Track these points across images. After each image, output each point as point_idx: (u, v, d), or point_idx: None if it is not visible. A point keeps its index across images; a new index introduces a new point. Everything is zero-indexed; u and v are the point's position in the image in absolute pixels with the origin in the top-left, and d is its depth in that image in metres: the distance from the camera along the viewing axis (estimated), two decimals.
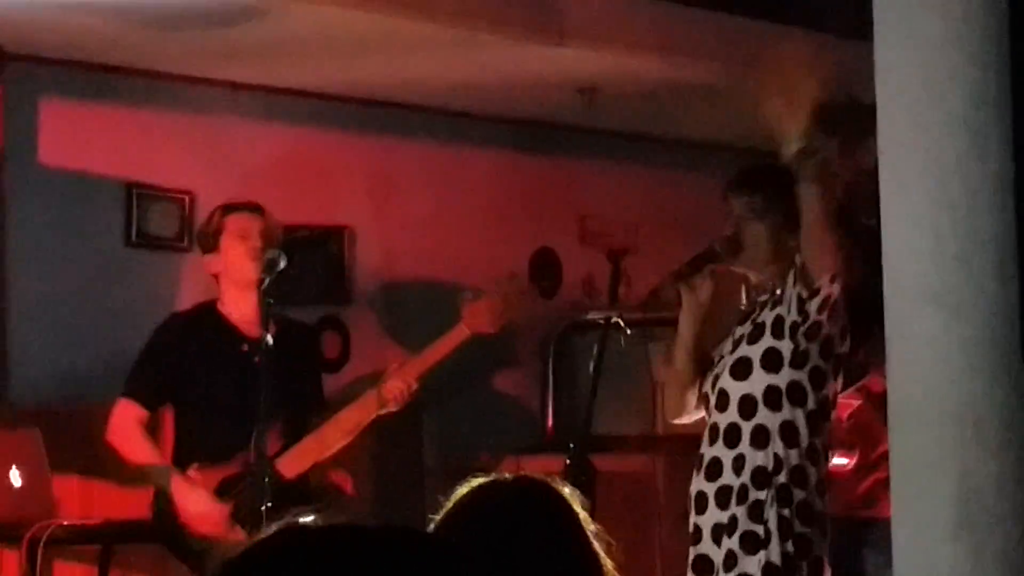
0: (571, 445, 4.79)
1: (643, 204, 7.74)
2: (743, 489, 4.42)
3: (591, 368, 4.84)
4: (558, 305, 7.69)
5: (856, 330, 4.55)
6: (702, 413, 4.69)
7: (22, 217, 6.43)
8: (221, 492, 5.50)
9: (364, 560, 1.42)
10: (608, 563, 2.59)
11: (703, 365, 4.69)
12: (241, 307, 5.58)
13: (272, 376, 5.15)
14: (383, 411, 5.71)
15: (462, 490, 2.59)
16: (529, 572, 2.48)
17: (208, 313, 5.70)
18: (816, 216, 4.38)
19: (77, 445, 6.06)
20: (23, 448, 5.71)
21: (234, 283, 5.60)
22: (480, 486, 2.62)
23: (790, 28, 6.61)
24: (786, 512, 4.38)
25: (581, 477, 4.56)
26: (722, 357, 4.65)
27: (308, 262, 5.83)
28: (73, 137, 6.57)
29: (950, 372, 3.58)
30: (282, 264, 5.36)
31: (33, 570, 5.51)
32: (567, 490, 2.63)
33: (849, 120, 4.90)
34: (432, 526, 2.52)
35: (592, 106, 7.21)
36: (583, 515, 2.59)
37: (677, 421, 4.83)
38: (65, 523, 5.64)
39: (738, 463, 4.46)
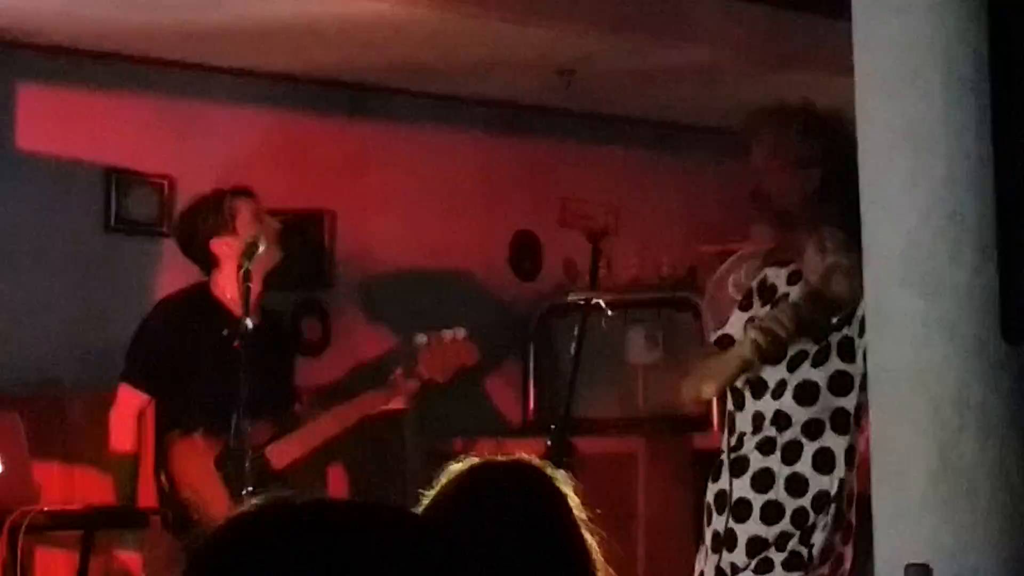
0: (552, 427, 4.78)
1: (623, 186, 7.73)
2: (802, 512, 4.27)
3: (572, 350, 4.83)
4: (538, 288, 7.68)
5: None
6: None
7: (0, 201, 6.41)
8: (216, 465, 5.53)
9: (348, 533, 1.42)
10: (596, 549, 2.59)
11: None
12: (234, 290, 5.55)
13: (253, 362, 5.16)
14: (388, 406, 5.76)
15: (454, 467, 2.58)
16: (517, 555, 2.48)
17: (201, 296, 5.70)
18: None
19: (57, 431, 6.05)
20: (2, 434, 5.68)
21: (261, 264, 5.56)
22: (472, 467, 2.61)
23: (774, 8, 6.62)
24: (836, 537, 4.29)
25: (563, 459, 4.56)
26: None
27: (288, 246, 5.82)
28: (51, 122, 6.54)
29: (930, 352, 3.59)
30: (261, 249, 5.41)
31: (14, 556, 5.48)
32: (559, 474, 2.63)
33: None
34: (423, 505, 2.52)
35: (572, 88, 7.20)
36: (574, 500, 2.59)
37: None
38: (46, 509, 5.62)
39: (795, 483, 4.29)
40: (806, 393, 4.29)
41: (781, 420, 4.31)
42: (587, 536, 2.58)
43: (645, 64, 6.94)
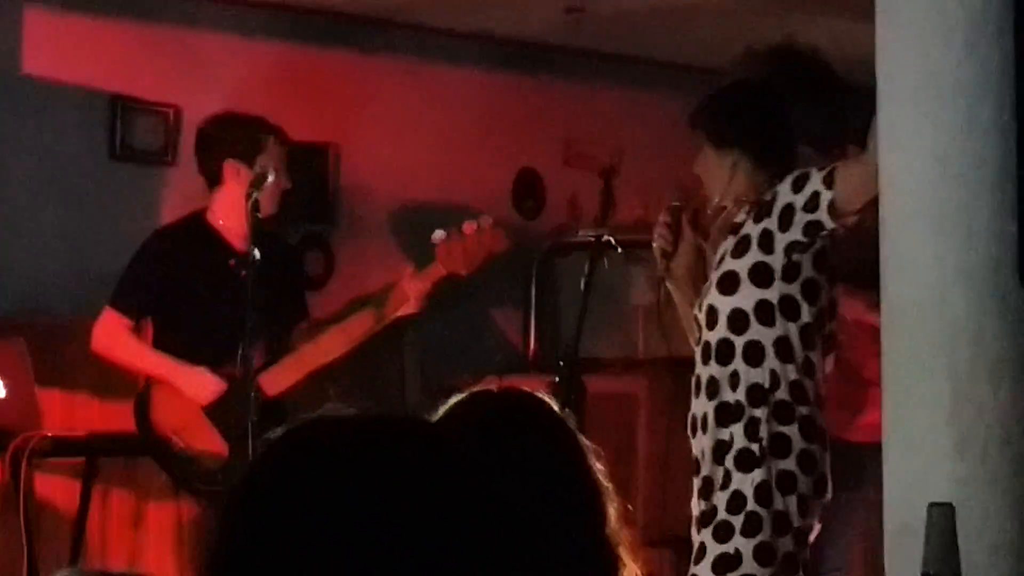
0: (560, 363, 4.77)
1: (629, 126, 7.71)
2: (738, 406, 4.33)
3: (582, 285, 4.82)
4: (541, 226, 7.67)
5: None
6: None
7: (4, 128, 6.38)
8: (207, 408, 5.48)
9: (405, 451, 1.43)
10: (604, 473, 2.60)
11: None
12: (233, 219, 5.50)
13: (258, 291, 5.12)
14: (387, 319, 5.59)
15: (456, 399, 2.58)
16: (530, 472, 2.48)
17: (197, 224, 5.64)
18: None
19: (60, 358, 6.04)
20: (7, 358, 5.68)
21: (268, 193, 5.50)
22: (477, 394, 2.62)
23: None
24: (788, 429, 4.32)
25: (571, 396, 4.56)
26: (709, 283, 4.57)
27: (292, 179, 5.79)
28: (58, 47, 6.50)
29: (946, 292, 3.59)
30: (270, 179, 5.36)
31: (16, 482, 5.49)
32: (556, 405, 2.64)
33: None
34: None
35: (579, 26, 7.17)
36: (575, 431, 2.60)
37: None
38: (50, 435, 5.62)
39: (734, 379, 4.35)
40: (728, 283, 4.38)
41: (711, 316, 4.41)
42: (595, 463, 2.59)
43: (655, 3, 6.90)
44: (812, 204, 4.29)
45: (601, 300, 6.68)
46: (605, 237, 4.83)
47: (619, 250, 4.79)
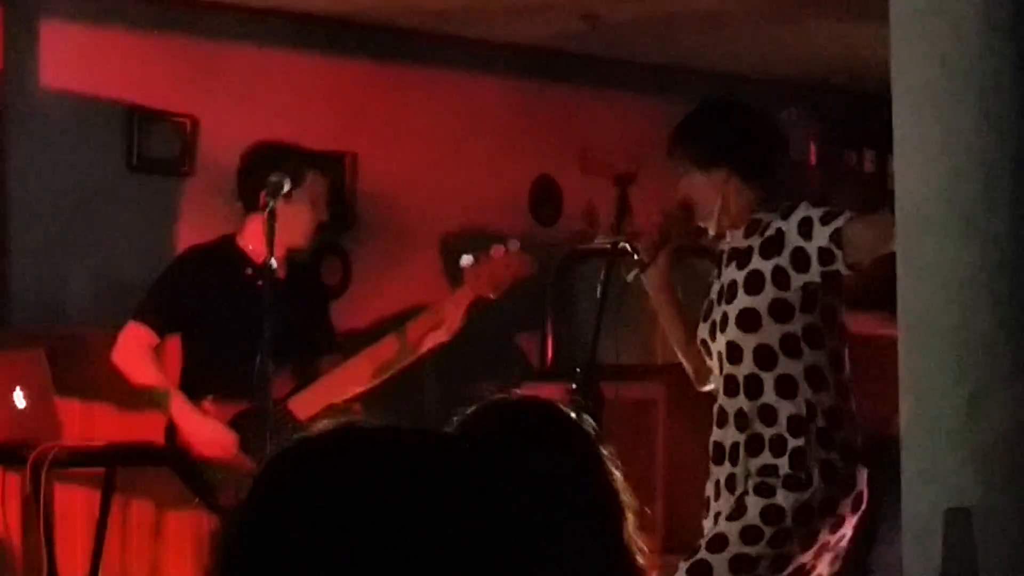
0: (577, 370, 4.77)
1: (646, 134, 7.71)
2: (780, 439, 4.35)
3: (599, 293, 4.81)
4: (558, 233, 7.67)
5: None
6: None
7: (23, 140, 6.40)
8: (234, 425, 5.49)
9: (423, 461, 1.43)
10: (622, 481, 2.60)
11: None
12: (260, 243, 5.47)
13: (279, 306, 5.13)
14: (411, 357, 5.65)
15: (474, 408, 2.58)
16: (545, 490, 2.48)
17: (227, 247, 5.67)
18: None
19: (79, 369, 6.05)
20: (27, 369, 5.70)
21: (297, 219, 5.53)
22: (492, 403, 2.62)
23: None
24: (831, 455, 4.34)
25: (588, 403, 4.55)
26: (711, 301, 4.58)
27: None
28: (75, 59, 6.53)
29: (962, 298, 3.58)
30: (286, 188, 5.35)
31: (37, 492, 5.50)
32: (574, 413, 2.63)
33: None
34: None
35: (596, 33, 7.18)
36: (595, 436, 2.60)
37: (706, 389, 4.71)
38: (69, 445, 5.64)
39: (765, 413, 4.38)
40: (750, 319, 4.39)
41: (733, 352, 4.42)
42: (614, 470, 2.59)
43: (671, 10, 6.91)
44: (827, 259, 4.33)
45: (618, 307, 6.69)
46: (621, 244, 4.83)
47: (636, 257, 4.78)
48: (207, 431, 5.48)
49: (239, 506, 1.45)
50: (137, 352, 5.58)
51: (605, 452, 2.61)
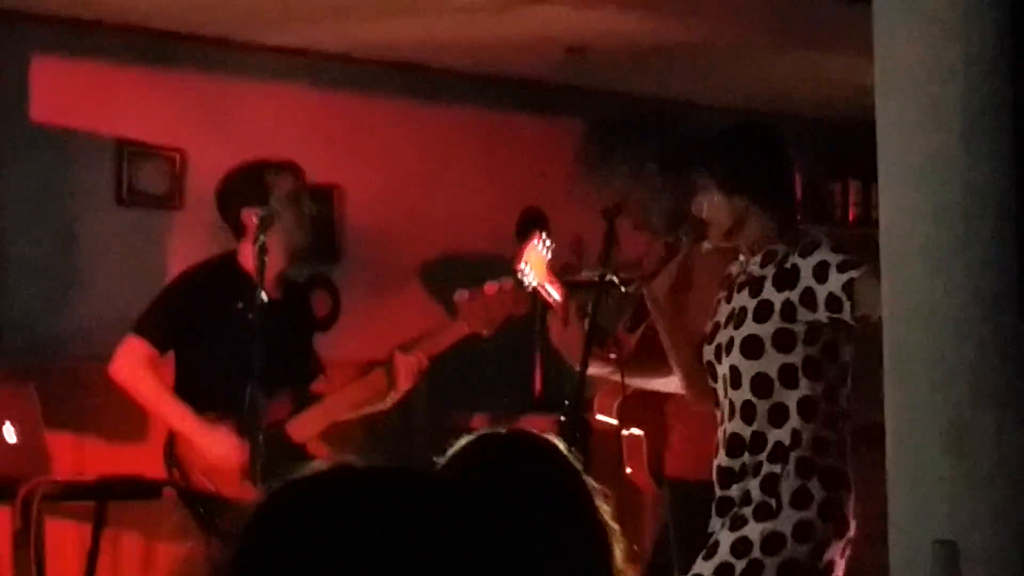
0: (566, 402, 4.79)
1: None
2: (758, 465, 4.40)
3: (586, 324, 4.84)
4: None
5: None
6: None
7: (13, 174, 6.42)
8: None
9: (415, 501, 1.45)
10: (610, 514, 2.62)
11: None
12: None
13: (268, 336, 5.16)
14: (392, 399, 5.68)
15: (462, 442, 2.60)
16: (536, 516, 2.50)
17: (229, 265, 5.68)
18: None
19: (69, 402, 6.06)
20: (17, 403, 5.71)
21: (282, 239, 5.56)
22: (484, 436, 2.64)
23: None
24: (810, 483, 4.36)
25: (576, 434, 4.57)
26: (718, 324, 4.62)
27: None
28: (64, 94, 6.56)
29: (946, 328, 3.60)
30: (277, 223, 5.42)
31: (27, 527, 5.51)
32: (563, 446, 2.65)
33: None
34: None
35: (581, 65, 7.21)
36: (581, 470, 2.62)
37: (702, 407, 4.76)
38: (60, 479, 5.64)
39: (756, 440, 4.43)
40: (753, 347, 4.42)
41: (735, 377, 4.45)
42: (601, 504, 2.61)
43: (655, 44, 6.95)
44: (835, 307, 4.36)
45: (607, 337, 6.70)
46: (608, 276, 4.85)
47: (623, 289, 4.80)
48: (214, 436, 5.47)
49: (231, 548, 1.46)
50: (136, 365, 5.57)
51: (593, 486, 2.64)
